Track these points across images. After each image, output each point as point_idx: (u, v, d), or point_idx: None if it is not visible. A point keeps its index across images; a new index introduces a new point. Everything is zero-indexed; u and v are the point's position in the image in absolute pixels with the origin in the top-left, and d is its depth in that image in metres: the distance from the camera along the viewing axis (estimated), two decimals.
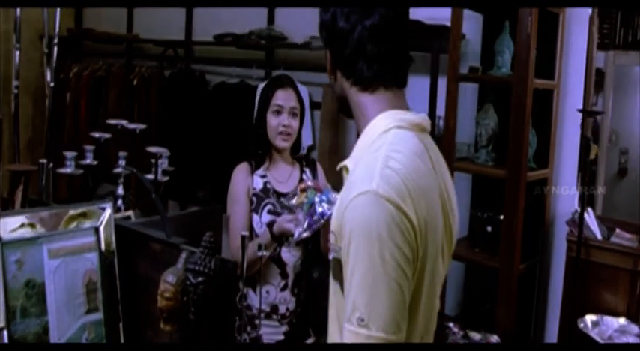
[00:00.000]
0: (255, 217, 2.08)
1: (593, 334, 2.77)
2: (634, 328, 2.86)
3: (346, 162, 1.10)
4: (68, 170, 1.91)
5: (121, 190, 1.88)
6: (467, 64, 3.19)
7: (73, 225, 1.49)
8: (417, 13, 3.30)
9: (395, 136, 1.05)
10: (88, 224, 1.52)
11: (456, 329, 3.34)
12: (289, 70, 3.82)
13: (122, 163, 2.01)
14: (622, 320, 2.84)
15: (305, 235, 1.68)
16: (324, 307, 2.05)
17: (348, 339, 0.95)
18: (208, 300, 1.36)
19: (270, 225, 2.01)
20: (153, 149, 1.65)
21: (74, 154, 1.94)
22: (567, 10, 3.06)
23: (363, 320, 0.93)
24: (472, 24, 3.24)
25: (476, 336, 3.17)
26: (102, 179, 2.18)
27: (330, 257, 1.05)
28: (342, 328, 0.97)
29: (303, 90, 3.77)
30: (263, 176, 2.13)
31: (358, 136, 1.14)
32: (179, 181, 3.13)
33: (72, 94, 4.65)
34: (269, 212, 2.09)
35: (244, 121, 3.94)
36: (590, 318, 2.84)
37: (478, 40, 3.31)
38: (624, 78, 6.20)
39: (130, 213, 1.82)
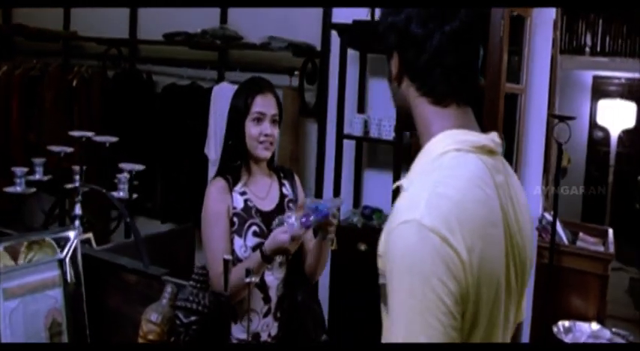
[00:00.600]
0: (239, 241, 1.89)
1: (568, 340, 2.75)
2: (606, 333, 2.86)
3: (402, 181, 0.99)
4: (18, 189, 1.65)
5: (78, 210, 1.64)
6: None
7: (32, 257, 1.27)
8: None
9: (451, 160, 0.97)
10: (49, 256, 1.29)
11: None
12: (246, 72, 3.64)
13: (77, 178, 1.76)
14: (594, 326, 2.84)
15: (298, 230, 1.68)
16: (309, 331, 1.90)
17: None
18: (201, 340, 1.17)
19: (256, 247, 1.84)
20: (127, 166, 1.43)
21: (24, 170, 1.68)
22: (534, 13, 3.03)
23: None
24: None
25: None
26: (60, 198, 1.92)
27: (380, 282, 0.97)
28: None
29: None
30: (242, 193, 1.93)
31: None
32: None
33: (1, 94, 4.26)
34: (255, 234, 1.90)
35: (195, 125, 3.74)
36: (562, 324, 2.83)
37: None
38: (569, 81, 6.40)
39: (90, 235, 1.60)
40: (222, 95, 3.58)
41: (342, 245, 3.38)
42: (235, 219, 1.89)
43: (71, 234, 1.32)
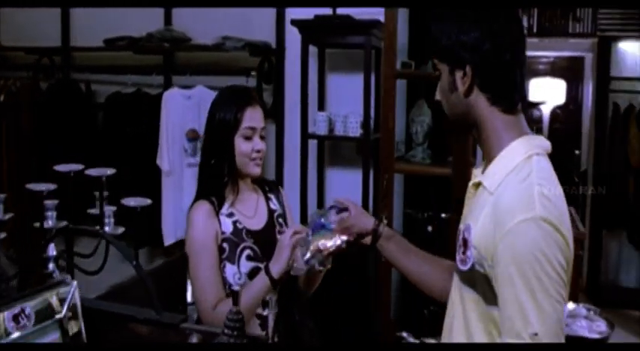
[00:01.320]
0: (231, 268, 1.72)
1: None
2: (582, 310, 2.88)
3: (481, 178, 1.18)
4: None
5: (52, 250, 1.43)
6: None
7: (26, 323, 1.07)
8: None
9: (537, 163, 1.14)
10: (47, 317, 1.10)
11: (411, 339, 3.21)
12: (197, 75, 3.45)
13: (51, 214, 1.54)
14: (571, 305, 2.85)
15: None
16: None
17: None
18: None
19: (251, 273, 1.69)
20: (131, 201, 1.23)
21: None
22: None
23: (536, 335, 1.03)
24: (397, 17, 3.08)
25: (431, 341, 3.05)
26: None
27: (466, 268, 1.16)
28: (482, 335, 1.13)
29: (212, 95, 3.38)
30: (230, 215, 1.76)
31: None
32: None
33: None
34: (249, 258, 1.74)
35: (145, 135, 3.50)
36: None
37: (404, 34, 3.16)
38: None
39: (67, 278, 1.39)
40: (174, 102, 3.36)
41: None
42: (225, 245, 1.73)
43: (68, 287, 1.13)
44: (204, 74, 3.43)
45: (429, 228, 3.21)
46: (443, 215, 3.15)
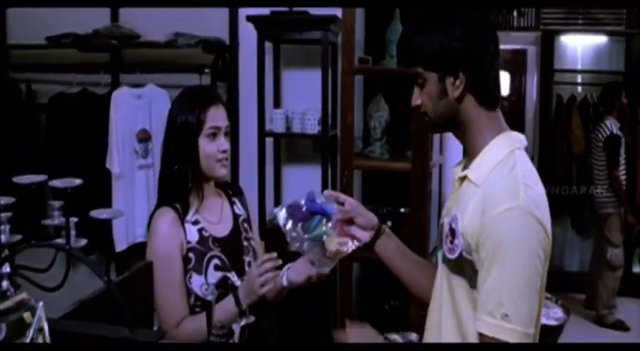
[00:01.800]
0: (198, 278, 1.65)
1: None
2: (552, 305, 2.96)
3: (467, 172, 1.22)
4: None
5: (6, 267, 1.31)
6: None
7: None
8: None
9: (520, 157, 1.20)
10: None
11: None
12: (147, 73, 3.33)
13: (4, 228, 1.42)
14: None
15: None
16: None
17: (488, 330, 1.11)
18: None
19: (219, 283, 1.62)
20: (103, 214, 1.14)
21: None
22: None
23: (507, 316, 1.08)
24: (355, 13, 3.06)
25: (395, 336, 3.07)
26: None
27: (454, 256, 1.20)
28: (471, 318, 1.16)
29: (164, 94, 3.30)
30: (195, 222, 1.69)
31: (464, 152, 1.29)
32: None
33: None
34: (217, 268, 1.67)
35: (93, 136, 3.35)
36: None
37: (361, 30, 3.14)
38: None
39: (24, 296, 1.29)
40: (123, 101, 3.23)
41: (271, 248, 3.23)
42: (191, 254, 1.65)
43: (37, 307, 1.05)
44: (154, 72, 3.31)
45: (389, 223, 3.21)
46: (402, 210, 3.16)
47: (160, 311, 1.64)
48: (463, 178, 1.24)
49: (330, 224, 1.40)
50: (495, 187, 1.15)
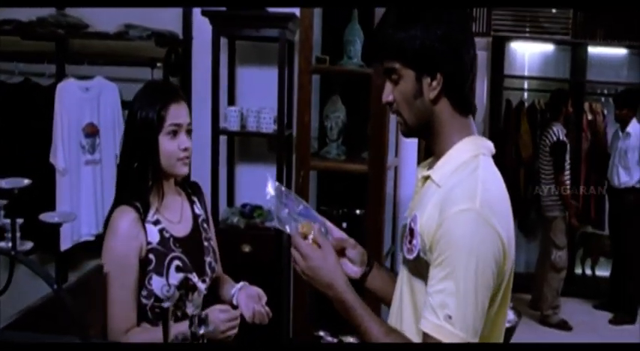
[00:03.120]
0: (159, 280, 1.58)
1: None
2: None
3: (430, 172, 1.20)
4: None
5: None
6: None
7: None
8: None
9: (484, 162, 1.17)
10: None
11: (329, 338, 3.18)
12: (95, 65, 3.19)
13: None
14: None
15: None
16: None
17: (430, 329, 1.07)
18: None
19: (181, 284, 1.55)
20: (54, 217, 1.04)
21: None
22: None
23: (450, 318, 1.05)
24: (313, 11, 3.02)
25: (350, 339, 3.05)
26: None
27: (412, 257, 1.17)
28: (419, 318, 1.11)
29: (113, 88, 3.17)
30: (156, 222, 1.62)
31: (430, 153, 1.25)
32: None
33: None
34: (178, 269, 1.61)
35: (35, 129, 3.18)
36: None
37: (318, 29, 3.10)
38: None
39: None
40: (70, 94, 3.08)
41: (225, 249, 3.15)
42: (151, 256, 1.59)
43: None
44: (103, 64, 3.17)
45: (344, 224, 3.19)
46: (357, 212, 3.15)
47: (111, 316, 1.56)
48: (426, 178, 1.22)
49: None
50: (454, 189, 1.12)
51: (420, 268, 1.17)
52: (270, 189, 1.30)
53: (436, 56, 1.14)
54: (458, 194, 1.10)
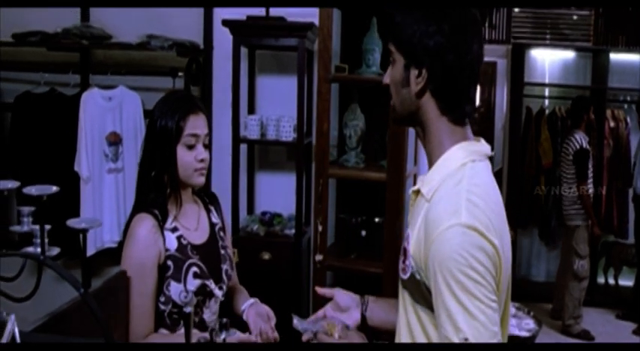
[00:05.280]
0: (177, 286, 1.61)
1: None
2: (510, 309, 2.98)
3: (419, 187, 1.17)
4: None
5: None
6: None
7: None
8: (278, 9, 3.03)
9: (472, 170, 1.13)
10: None
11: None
12: (118, 75, 3.25)
13: None
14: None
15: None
16: None
17: None
18: None
19: (198, 291, 1.59)
20: (81, 224, 1.07)
21: None
22: None
23: (467, 340, 1.02)
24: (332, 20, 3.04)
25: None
26: None
27: (405, 277, 1.15)
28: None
29: (135, 97, 3.23)
30: (174, 229, 1.65)
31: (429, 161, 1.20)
32: None
33: None
34: (196, 276, 1.64)
35: (60, 138, 3.24)
36: None
37: (337, 38, 3.12)
38: None
39: (2, 312, 1.22)
40: (93, 103, 3.14)
41: (244, 256, 3.19)
42: (170, 262, 1.62)
43: (9, 320, 0.99)
44: (126, 74, 3.23)
45: (363, 232, 3.20)
46: (376, 219, 3.15)
47: (134, 319, 1.60)
48: (417, 193, 1.19)
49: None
50: (438, 205, 1.09)
51: (412, 287, 1.15)
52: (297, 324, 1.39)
53: (423, 51, 1.11)
54: (441, 212, 1.07)
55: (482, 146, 1.18)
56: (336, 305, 1.45)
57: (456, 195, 1.08)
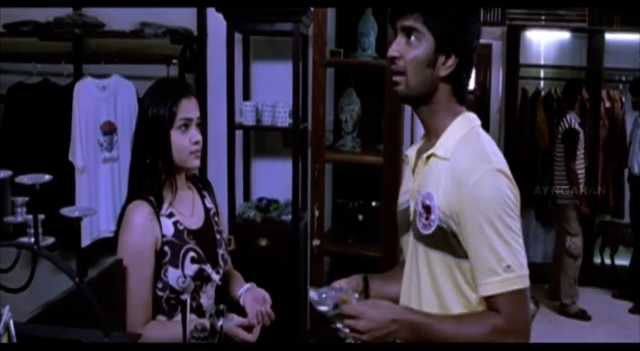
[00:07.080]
0: (174, 272, 1.62)
1: None
2: None
3: (434, 150, 1.30)
4: None
5: None
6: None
7: None
8: None
9: (483, 133, 1.32)
10: None
11: (346, 330, 3.20)
12: (111, 64, 3.22)
13: None
14: None
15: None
16: None
17: (495, 288, 1.20)
18: None
19: (196, 276, 1.58)
20: (74, 212, 1.07)
21: None
22: None
23: (509, 267, 1.19)
24: None
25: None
26: None
27: (430, 232, 1.27)
28: (450, 291, 1.27)
29: (129, 86, 3.21)
30: (170, 215, 1.65)
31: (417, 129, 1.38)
32: None
33: None
34: (194, 261, 1.64)
35: (54, 129, 3.23)
36: None
37: (332, 23, 3.11)
38: None
39: None
40: (87, 92, 3.12)
41: (242, 243, 3.19)
42: (167, 248, 1.62)
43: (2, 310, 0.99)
44: (119, 63, 3.21)
45: (360, 217, 3.20)
46: (373, 204, 3.16)
47: (131, 307, 1.60)
48: (429, 157, 1.31)
49: None
50: (465, 158, 1.25)
51: (438, 240, 1.26)
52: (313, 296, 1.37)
53: (462, 45, 1.27)
54: (472, 162, 1.23)
55: (476, 117, 1.37)
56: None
57: (480, 148, 1.25)
